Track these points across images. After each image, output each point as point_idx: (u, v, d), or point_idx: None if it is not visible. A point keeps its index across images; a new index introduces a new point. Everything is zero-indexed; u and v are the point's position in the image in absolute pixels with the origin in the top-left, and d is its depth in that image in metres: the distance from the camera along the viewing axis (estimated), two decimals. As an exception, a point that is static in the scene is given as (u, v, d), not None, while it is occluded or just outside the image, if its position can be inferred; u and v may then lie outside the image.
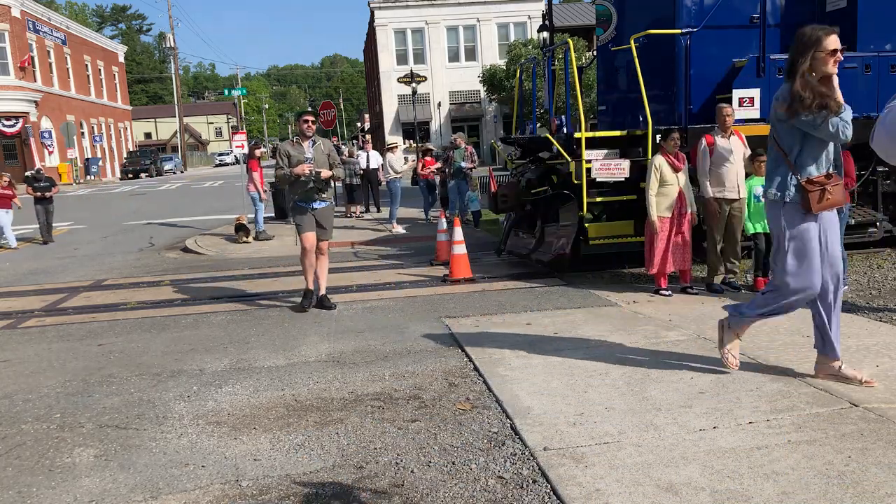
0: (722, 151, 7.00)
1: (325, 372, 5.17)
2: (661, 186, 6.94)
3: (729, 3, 8.23)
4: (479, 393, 4.54)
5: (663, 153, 7.00)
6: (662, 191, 6.95)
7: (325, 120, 17.90)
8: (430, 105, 39.85)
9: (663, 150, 7.02)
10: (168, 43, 58.17)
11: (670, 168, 6.93)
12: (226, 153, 63.87)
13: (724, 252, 7.29)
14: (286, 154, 7.18)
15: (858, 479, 3.11)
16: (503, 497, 3.19)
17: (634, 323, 6.04)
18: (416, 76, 35.33)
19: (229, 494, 3.36)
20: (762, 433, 3.63)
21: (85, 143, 44.18)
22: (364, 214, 16.39)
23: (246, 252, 11.87)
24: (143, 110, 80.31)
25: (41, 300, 8.60)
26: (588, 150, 7.89)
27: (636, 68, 7.76)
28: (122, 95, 55.73)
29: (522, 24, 40.17)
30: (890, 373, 4.44)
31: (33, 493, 3.48)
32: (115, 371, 5.47)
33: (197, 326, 6.85)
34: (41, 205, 14.52)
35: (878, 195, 8.58)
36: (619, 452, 3.50)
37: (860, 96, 8.27)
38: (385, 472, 3.51)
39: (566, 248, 7.89)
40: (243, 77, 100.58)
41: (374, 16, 40.10)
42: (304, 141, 7.26)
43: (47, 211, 14.59)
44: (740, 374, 4.55)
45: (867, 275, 7.62)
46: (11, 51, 36.20)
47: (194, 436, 4.10)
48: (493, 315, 6.63)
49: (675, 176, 6.93)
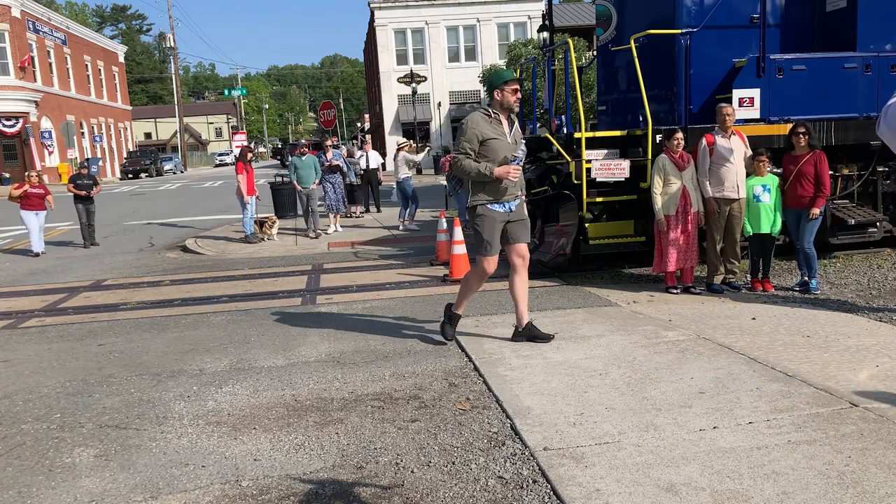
0: (722, 151, 7.00)
1: (325, 372, 5.17)
2: (665, 185, 6.95)
3: (729, 3, 8.23)
4: (479, 393, 4.54)
5: (667, 152, 7.00)
6: (666, 189, 6.95)
7: (325, 120, 17.91)
8: (430, 105, 39.84)
9: (667, 150, 7.02)
10: (168, 43, 58.21)
11: (674, 167, 6.93)
12: (226, 153, 63.98)
13: (724, 252, 7.29)
14: (479, 135, 5.25)
15: (858, 479, 3.11)
16: (503, 497, 3.19)
17: (634, 323, 6.04)
18: (416, 76, 35.39)
19: (229, 494, 3.36)
20: (762, 433, 3.63)
21: (85, 143, 44.16)
22: (364, 215, 16.39)
23: (246, 252, 11.87)
24: (143, 110, 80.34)
25: (41, 300, 8.60)
26: (588, 150, 7.89)
27: (636, 68, 7.76)
28: (122, 95, 55.73)
29: (522, 24, 40.14)
30: (890, 373, 4.44)
31: (33, 493, 3.48)
32: (115, 371, 5.47)
33: (197, 326, 6.85)
34: (82, 204, 13.64)
35: (878, 195, 8.58)
36: (619, 452, 3.50)
37: (860, 96, 8.29)
38: (385, 472, 3.51)
39: (566, 248, 7.89)
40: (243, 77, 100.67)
41: (374, 16, 40.08)
42: (503, 117, 5.36)
43: (88, 211, 13.70)
44: (740, 374, 4.55)
45: (867, 275, 7.62)
46: (11, 51, 36.19)
47: (194, 436, 4.10)
48: (493, 315, 6.63)
49: (680, 175, 6.93)
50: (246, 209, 12.95)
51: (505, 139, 5.29)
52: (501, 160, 5.24)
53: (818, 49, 8.53)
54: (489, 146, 5.24)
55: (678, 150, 6.98)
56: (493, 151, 5.25)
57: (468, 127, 5.28)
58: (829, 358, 4.81)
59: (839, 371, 4.52)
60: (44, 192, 13.07)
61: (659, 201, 6.97)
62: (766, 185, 7.03)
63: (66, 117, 39.93)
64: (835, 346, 5.09)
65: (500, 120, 5.33)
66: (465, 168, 5.27)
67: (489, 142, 5.24)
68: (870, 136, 8.23)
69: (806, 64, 8.13)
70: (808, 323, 5.76)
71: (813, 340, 5.24)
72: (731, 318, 6.01)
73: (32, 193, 12.86)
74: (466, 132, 5.27)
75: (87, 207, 13.66)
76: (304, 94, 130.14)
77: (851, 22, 8.29)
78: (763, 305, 6.48)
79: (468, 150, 5.27)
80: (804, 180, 6.87)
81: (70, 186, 13.78)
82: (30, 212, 12.77)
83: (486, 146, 5.24)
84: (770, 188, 7.02)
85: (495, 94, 5.33)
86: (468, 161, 5.26)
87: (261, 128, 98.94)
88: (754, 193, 7.04)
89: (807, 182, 6.87)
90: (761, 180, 7.06)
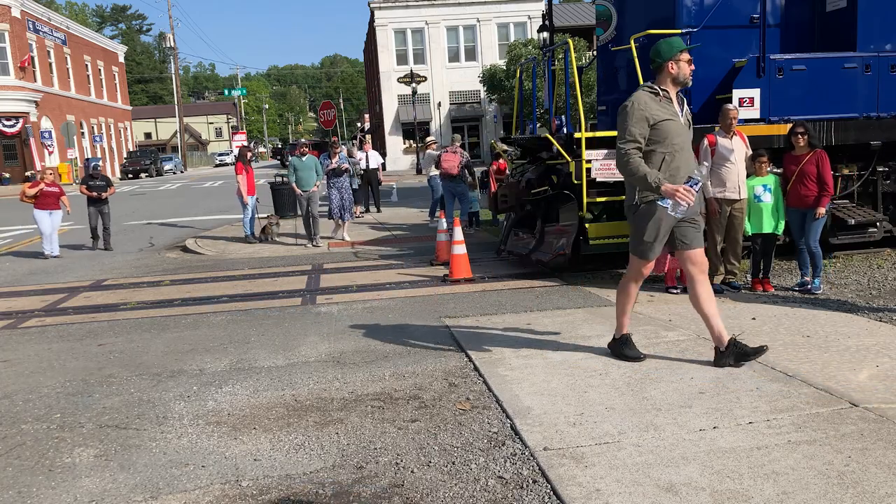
0: (723, 151, 6.99)
1: (325, 372, 5.17)
2: None
3: (729, 3, 8.22)
4: (479, 393, 4.54)
5: None
6: None
7: (325, 120, 17.90)
8: (431, 105, 39.85)
9: None
10: (168, 43, 58.23)
11: None
12: (226, 153, 64.00)
13: (725, 252, 7.28)
14: (648, 117, 4.44)
15: (858, 479, 3.11)
16: (503, 497, 3.19)
17: (634, 323, 6.03)
18: (416, 76, 35.41)
19: (229, 494, 3.36)
20: (762, 433, 3.63)
21: (85, 143, 44.17)
22: (364, 214, 16.39)
23: (246, 252, 11.87)
24: (143, 110, 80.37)
25: (41, 300, 8.60)
26: (588, 150, 7.89)
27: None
28: (122, 95, 55.74)
29: (522, 24, 40.16)
30: (890, 373, 4.44)
31: (33, 493, 3.48)
32: (115, 371, 5.47)
33: (197, 326, 6.84)
34: (95, 206, 13.00)
35: (878, 195, 8.58)
36: (619, 452, 3.50)
37: (860, 96, 8.28)
38: (385, 472, 3.51)
39: (566, 248, 7.89)
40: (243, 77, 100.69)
41: (374, 16, 40.09)
42: (673, 93, 4.60)
43: (101, 213, 13.04)
44: (740, 374, 4.55)
45: (867, 275, 7.62)
46: (11, 51, 36.20)
47: (194, 436, 4.10)
48: (493, 315, 6.63)
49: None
50: (246, 209, 12.95)
51: (678, 120, 4.51)
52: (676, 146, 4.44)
53: (818, 49, 8.52)
54: (661, 130, 4.43)
55: None
56: (665, 136, 4.42)
57: (634, 108, 4.44)
58: (829, 358, 4.81)
59: (839, 371, 4.52)
60: (59, 192, 12.59)
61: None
62: (767, 184, 7.03)
63: (66, 117, 39.93)
64: (835, 346, 5.09)
65: (670, 98, 4.56)
66: (631, 168, 4.38)
67: (661, 124, 4.43)
68: (870, 136, 8.23)
69: (806, 64, 8.13)
70: (808, 323, 5.76)
71: (813, 340, 5.24)
72: (731, 319, 6.00)
73: (47, 192, 12.36)
74: (633, 114, 4.42)
75: (99, 210, 13.05)
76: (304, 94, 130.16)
77: (851, 22, 8.29)
78: (763, 305, 6.48)
79: (637, 138, 4.39)
80: (807, 180, 6.87)
81: (83, 188, 13.16)
82: (43, 212, 12.28)
83: (657, 130, 4.43)
84: (771, 188, 7.02)
85: (668, 66, 4.55)
86: (637, 160, 4.38)
87: (261, 128, 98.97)
88: (755, 194, 7.04)
89: (809, 182, 6.87)
90: (762, 180, 7.06)
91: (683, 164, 4.53)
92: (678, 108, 4.57)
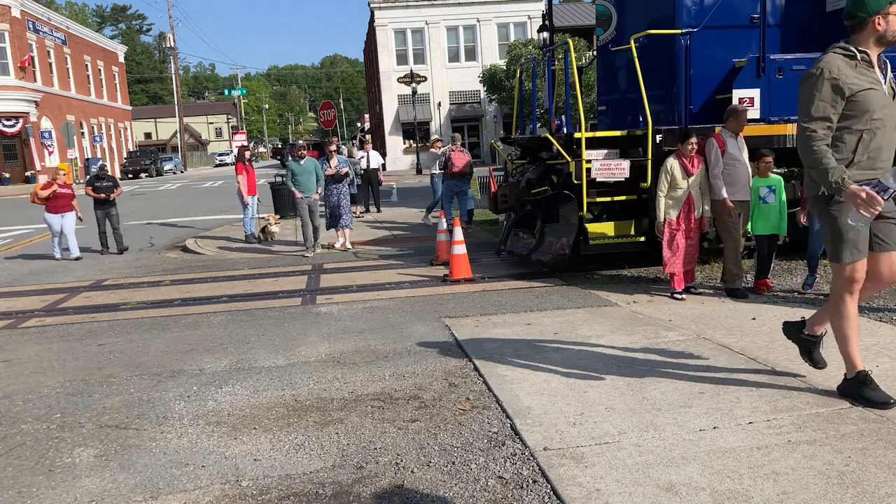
0: (732, 152, 6.96)
1: (325, 372, 5.17)
2: (671, 189, 6.86)
3: (729, 3, 8.22)
4: (479, 393, 4.54)
5: (678, 156, 6.89)
6: (671, 194, 6.87)
7: (325, 120, 17.92)
8: (430, 105, 39.86)
9: (679, 153, 6.92)
10: (168, 43, 58.24)
11: (682, 171, 6.83)
12: (226, 153, 63.99)
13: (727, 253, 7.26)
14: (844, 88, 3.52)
15: (858, 479, 3.11)
16: (503, 497, 3.19)
17: (634, 323, 6.04)
18: (416, 76, 35.42)
19: (229, 494, 3.36)
20: (762, 433, 3.63)
21: (85, 143, 44.19)
22: (364, 214, 16.40)
23: (246, 252, 11.86)
24: (143, 110, 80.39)
25: (41, 300, 8.60)
26: (588, 150, 7.89)
27: (636, 68, 7.76)
28: (122, 95, 55.75)
29: (522, 24, 40.17)
30: (890, 373, 4.44)
31: (33, 493, 3.48)
32: (115, 371, 5.47)
33: (197, 326, 6.84)
34: (101, 209, 12.44)
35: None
36: (619, 452, 3.50)
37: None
38: (385, 472, 3.51)
39: (566, 248, 7.89)
40: (243, 77, 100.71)
41: (374, 16, 40.09)
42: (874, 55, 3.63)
43: (109, 216, 12.47)
44: (740, 374, 4.55)
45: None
46: (11, 51, 36.21)
47: (194, 436, 4.10)
48: (493, 315, 6.63)
49: (687, 180, 6.85)
50: (246, 209, 12.95)
51: (881, 89, 3.57)
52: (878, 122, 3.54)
53: (818, 49, 8.52)
54: (860, 102, 3.53)
55: (690, 155, 6.87)
56: (866, 109, 3.53)
57: (824, 77, 3.53)
58: (830, 358, 4.80)
59: (839, 371, 4.52)
60: (71, 193, 12.13)
61: (662, 205, 6.89)
62: (772, 185, 7.01)
63: (66, 117, 39.94)
64: (835, 346, 5.08)
65: (870, 61, 3.60)
66: (815, 157, 3.50)
67: (860, 95, 3.52)
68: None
69: (806, 64, 8.11)
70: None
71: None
72: (731, 319, 6.01)
73: (60, 194, 11.88)
74: (822, 86, 3.51)
75: (106, 212, 12.51)
76: (304, 94, 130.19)
77: (851, 22, 8.28)
78: (763, 305, 6.48)
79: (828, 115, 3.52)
80: None
81: (88, 189, 12.56)
82: (55, 215, 11.88)
83: (854, 102, 3.53)
84: (776, 189, 6.99)
85: (875, 21, 3.56)
86: (822, 147, 3.50)
87: (261, 128, 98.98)
88: (760, 195, 7.01)
89: None
90: (766, 181, 7.04)
91: (886, 144, 3.63)
92: (880, 74, 3.60)
